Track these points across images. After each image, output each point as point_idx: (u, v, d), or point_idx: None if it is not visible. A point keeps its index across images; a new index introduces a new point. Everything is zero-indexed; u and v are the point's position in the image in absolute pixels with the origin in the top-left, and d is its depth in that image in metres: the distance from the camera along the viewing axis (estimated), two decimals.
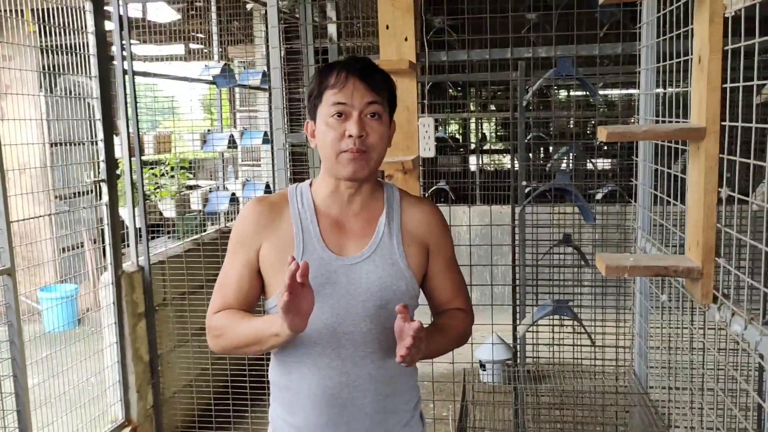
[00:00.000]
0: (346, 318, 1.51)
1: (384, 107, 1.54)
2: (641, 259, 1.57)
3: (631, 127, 1.52)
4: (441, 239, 1.64)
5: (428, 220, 1.62)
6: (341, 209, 1.58)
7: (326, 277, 1.51)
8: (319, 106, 1.53)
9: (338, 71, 1.51)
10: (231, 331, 1.53)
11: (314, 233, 1.54)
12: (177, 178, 5.44)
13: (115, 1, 3.78)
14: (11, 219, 3.10)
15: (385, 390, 1.56)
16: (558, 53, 2.39)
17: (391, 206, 1.61)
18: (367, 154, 1.50)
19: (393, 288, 1.54)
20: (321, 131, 1.52)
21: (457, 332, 1.64)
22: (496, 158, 11.76)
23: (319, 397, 1.53)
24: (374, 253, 1.55)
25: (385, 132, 1.54)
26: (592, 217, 2.87)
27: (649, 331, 2.48)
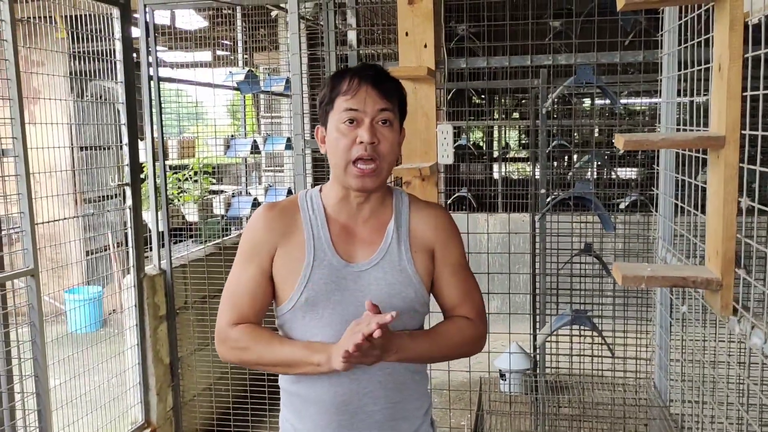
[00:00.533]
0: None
1: (395, 114, 1.54)
2: (659, 270, 1.55)
3: (649, 135, 1.50)
4: (447, 243, 1.62)
5: (434, 224, 1.61)
6: (351, 216, 1.58)
7: (336, 284, 1.52)
8: (330, 113, 1.53)
9: (350, 78, 1.51)
10: (262, 349, 1.51)
11: (325, 239, 1.55)
12: (200, 183, 5.50)
13: (141, 8, 3.84)
14: (39, 221, 3.16)
15: (395, 397, 1.56)
16: (578, 61, 2.37)
17: (399, 212, 1.60)
18: (377, 164, 1.50)
19: (401, 295, 1.54)
20: (332, 137, 1.52)
21: (455, 341, 1.58)
22: (519, 166, 11.69)
23: (329, 404, 1.53)
24: (383, 259, 1.55)
25: (395, 139, 1.54)
26: (612, 227, 2.84)
27: (670, 343, 2.44)
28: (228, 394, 4.31)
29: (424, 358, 1.58)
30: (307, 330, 1.53)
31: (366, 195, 1.56)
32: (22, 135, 2.66)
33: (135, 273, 3.75)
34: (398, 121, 1.56)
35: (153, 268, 3.98)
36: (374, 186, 1.53)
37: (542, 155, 3.46)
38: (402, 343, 1.47)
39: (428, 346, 1.54)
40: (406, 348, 1.48)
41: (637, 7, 1.51)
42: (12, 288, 2.92)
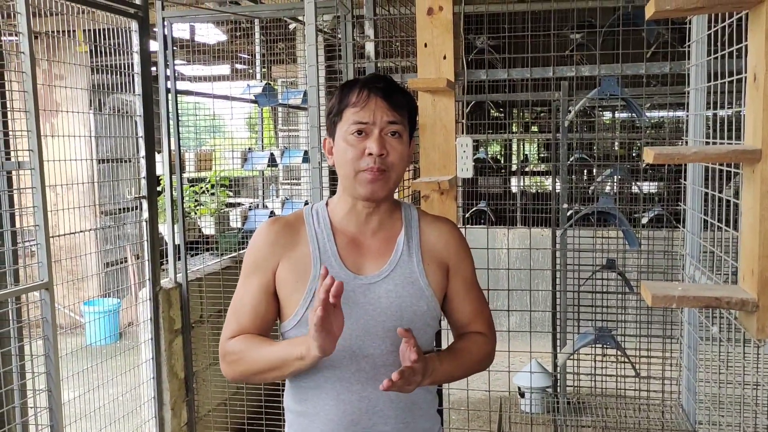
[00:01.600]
0: (365, 340, 1.46)
1: (404, 126, 1.50)
2: (690, 289, 1.48)
3: (680, 148, 1.44)
4: (460, 259, 1.59)
5: (446, 239, 1.58)
6: (359, 228, 1.54)
7: (344, 297, 1.44)
8: (338, 124, 1.50)
9: (360, 89, 1.48)
10: (249, 356, 1.47)
11: (331, 252, 1.51)
12: (217, 196, 5.49)
13: (160, 20, 3.85)
14: (58, 233, 3.15)
15: (406, 417, 1.50)
16: (602, 72, 2.31)
17: (409, 225, 1.57)
18: (386, 174, 1.47)
19: (413, 308, 1.49)
20: (340, 149, 1.49)
21: (474, 358, 1.57)
22: (538, 180, 11.59)
23: (337, 423, 1.47)
24: (393, 271, 1.51)
25: (405, 151, 1.50)
26: (637, 243, 2.76)
27: (698, 363, 2.36)
28: (243, 409, 4.26)
29: (450, 379, 1.56)
30: None
31: (374, 205, 1.53)
32: (39, 147, 2.64)
33: (151, 286, 3.72)
34: (408, 133, 1.53)
35: (169, 281, 3.95)
36: (383, 194, 1.49)
37: (563, 169, 3.39)
38: (434, 367, 1.45)
39: (455, 367, 1.53)
40: (436, 371, 1.46)
41: (667, 15, 1.45)
42: (27, 301, 2.91)
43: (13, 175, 2.82)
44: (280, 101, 5.28)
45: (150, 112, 3.64)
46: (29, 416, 2.84)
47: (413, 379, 1.36)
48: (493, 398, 3.28)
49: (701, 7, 1.40)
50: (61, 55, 3.81)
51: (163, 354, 3.78)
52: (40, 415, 2.78)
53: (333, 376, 1.47)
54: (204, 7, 4.23)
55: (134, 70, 3.59)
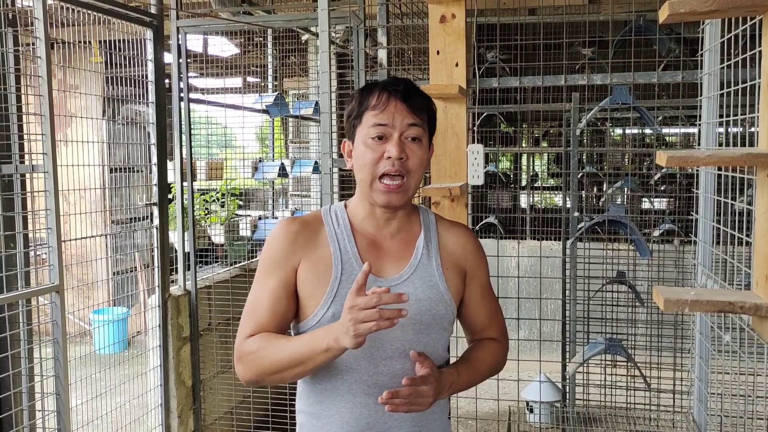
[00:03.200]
0: (384, 343, 1.44)
1: (424, 130, 1.50)
2: (704, 294, 1.47)
3: (693, 151, 1.43)
4: (477, 264, 1.59)
5: (464, 244, 1.58)
6: (378, 230, 1.54)
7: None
8: (358, 127, 1.49)
9: (380, 92, 1.47)
10: (269, 353, 1.42)
11: (352, 253, 1.49)
12: (227, 205, 5.51)
13: (174, 29, 3.89)
14: (66, 239, 3.17)
15: (421, 420, 1.50)
16: (614, 81, 2.31)
17: (428, 228, 1.57)
18: (405, 181, 1.46)
19: (432, 312, 1.48)
20: (359, 152, 1.48)
21: (489, 366, 1.58)
22: (546, 195, 11.57)
23: (353, 426, 1.45)
24: (413, 274, 1.50)
25: (424, 156, 1.50)
26: (649, 252, 2.74)
27: (710, 375, 2.33)
28: (249, 418, 4.24)
29: (467, 387, 1.58)
30: None
31: (392, 211, 1.52)
32: (53, 151, 2.67)
33: (160, 293, 3.73)
34: (427, 137, 1.52)
35: (178, 288, 3.96)
36: (400, 203, 1.48)
37: (573, 179, 3.38)
38: (453, 381, 1.47)
39: (472, 377, 1.54)
40: (455, 383, 1.48)
41: (681, 19, 1.45)
42: (37, 305, 2.92)
43: (26, 179, 2.84)
44: (292, 112, 5.31)
45: (163, 120, 3.67)
46: (37, 419, 2.84)
47: (421, 399, 1.37)
48: (502, 410, 3.24)
49: (715, 10, 1.40)
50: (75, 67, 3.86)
51: (171, 361, 3.78)
52: (48, 418, 2.78)
53: (351, 378, 1.45)
54: (218, 17, 4.28)
55: (148, 78, 3.62)
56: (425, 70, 2.81)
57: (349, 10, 3.35)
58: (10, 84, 2.72)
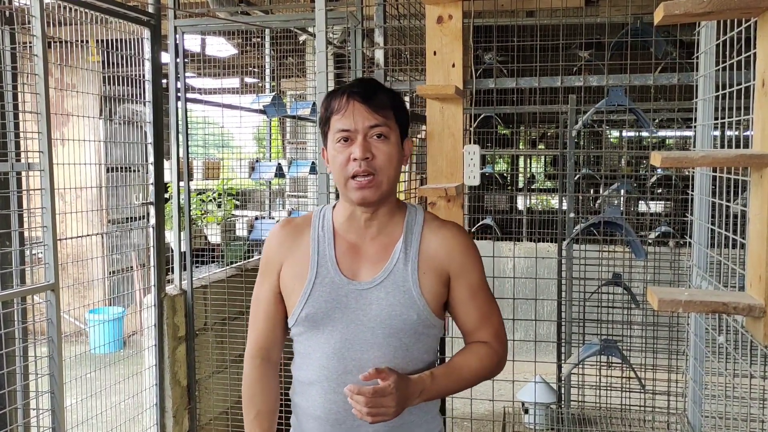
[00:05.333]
0: (354, 344, 1.49)
1: (390, 128, 1.51)
2: (697, 294, 1.47)
3: (688, 153, 1.44)
4: (464, 264, 1.56)
5: (449, 245, 1.56)
6: (358, 233, 1.56)
7: (337, 301, 1.50)
8: (328, 133, 1.53)
9: (341, 96, 1.51)
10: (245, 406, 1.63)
11: (329, 256, 1.54)
12: (224, 205, 5.51)
13: (172, 29, 3.89)
14: (62, 237, 3.16)
15: (394, 421, 1.49)
16: (610, 82, 2.32)
17: (410, 231, 1.56)
18: (375, 178, 1.48)
19: (403, 317, 1.50)
20: (331, 156, 1.52)
21: (474, 372, 1.56)
22: (543, 198, 11.59)
23: (324, 420, 1.52)
24: (386, 279, 1.51)
25: (393, 152, 1.51)
26: (644, 254, 2.75)
27: (705, 377, 2.34)
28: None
29: (448, 393, 1.58)
30: (309, 346, 1.54)
31: (372, 211, 1.54)
32: (49, 149, 2.66)
33: (156, 292, 3.73)
34: (396, 133, 1.53)
35: (174, 288, 3.95)
36: (375, 198, 1.50)
37: (570, 181, 3.39)
38: (425, 387, 1.47)
39: (450, 382, 1.53)
40: (428, 389, 1.48)
41: (676, 21, 1.46)
42: (32, 303, 2.91)
43: (21, 177, 2.84)
44: (289, 113, 5.31)
45: (160, 119, 3.67)
46: (31, 417, 2.84)
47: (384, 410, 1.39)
48: (497, 411, 3.25)
49: (710, 12, 1.41)
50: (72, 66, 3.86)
51: (166, 361, 3.77)
52: (42, 417, 2.78)
53: (322, 375, 1.51)
54: (215, 16, 4.28)
55: (145, 77, 3.62)
56: (422, 71, 2.82)
57: (346, 11, 3.35)
58: (7, 82, 2.72)
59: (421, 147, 3.36)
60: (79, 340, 5.90)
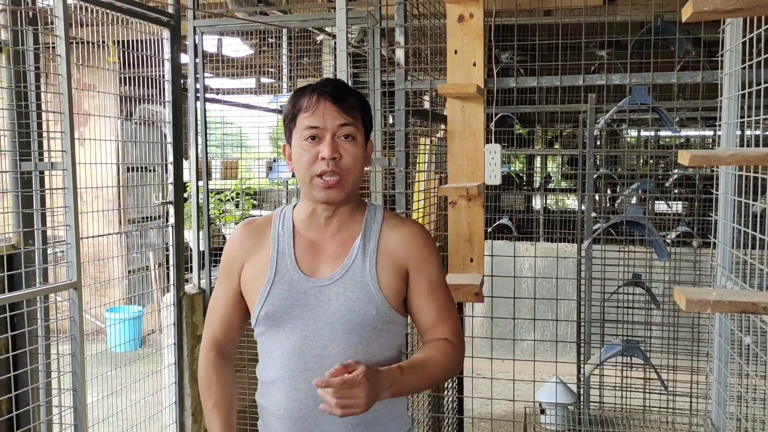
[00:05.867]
0: (314, 341, 1.49)
1: (358, 129, 1.52)
2: (726, 294, 1.45)
3: (717, 151, 1.42)
4: (422, 261, 1.56)
5: (407, 242, 1.56)
6: (319, 231, 1.57)
7: (296, 299, 1.51)
8: (293, 129, 1.53)
9: (310, 94, 1.51)
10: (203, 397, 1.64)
11: (288, 255, 1.55)
12: (242, 204, 5.53)
13: (191, 29, 3.91)
14: (83, 236, 3.19)
15: (357, 418, 1.49)
16: (633, 81, 2.30)
17: (369, 227, 1.57)
18: (342, 178, 1.49)
19: (361, 312, 1.50)
20: (296, 154, 1.52)
21: (441, 367, 1.54)
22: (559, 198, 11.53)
23: (286, 419, 1.52)
24: (345, 275, 1.52)
25: (359, 154, 1.52)
26: (667, 254, 2.72)
27: (730, 378, 2.31)
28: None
29: (415, 389, 1.56)
30: (271, 344, 1.55)
31: (333, 209, 1.55)
32: (72, 149, 2.69)
33: (175, 291, 3.75)
34: (362, 135, 1.55)
35: (192, 287, 3.97)
36: (340, 198, 1.51)
37: (589, 181, 3.36)
38: (395, 380, 1.45)
39: (418, 377, 1.51)
40: (398, 383, 1.45)
41: (705, 17, 1.44)
42: (55, 301, 2.94)
43: (44, 176, 2.86)
44: None
45: (179, 118, 3.69)
46: (54, 415, 2.86)
47: (353, 401, 1.35)
48: (516, 410, 3.23)
49: (739, 9, 1.39)
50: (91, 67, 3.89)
51: (185, 359, 3.79)
52: (64, 414, 2.80)
53: (284, 374, 1.51)
54: (234, 17, 4.30)
55: (165, 77, 3.65)
56: (442, 70, 2.81)
57: (366, 10, 3.36)
58: (30, 82, 2.74)
59: (440, 146, 3.35)
60: (98, 339, 5.95)
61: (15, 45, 2.68)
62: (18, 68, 2.70)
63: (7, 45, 2.68)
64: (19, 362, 2.76)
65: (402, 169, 2.54)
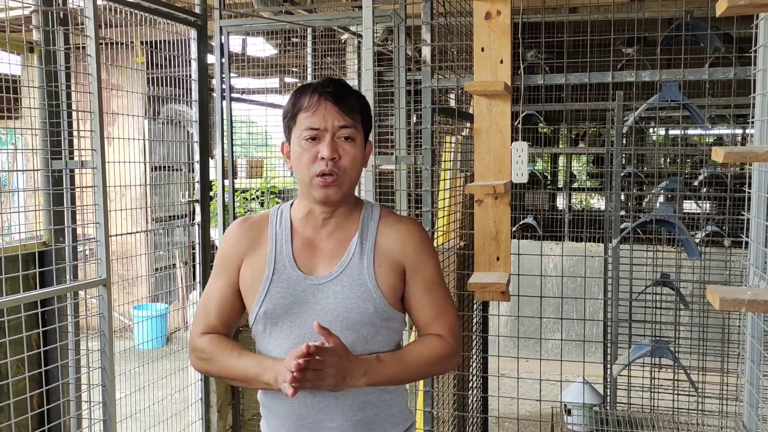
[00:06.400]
0: (311, 338, 1.47)
1: (357, 130, 1.53)
2: (761, 293, 1.43)
3: (752, 147, 1.40)
4: (418, 258, 1.56)
5: (404, 239, 1.56)
6: (316, 230, 1.57)
7: (294, 297, 1.51)
8: (293, 128, 1.53)
9: (311, 94, 1.51)
10: (221, 361, 1.54)
11: (286, 253, 1.55)
12: (266, 202, 5.57)
13: (217, 29, 3.95)
14: (112, 234, 3.23)
15: (356, 415, 1.51)
16: (663, 77, 2.27)
17: (366, 226, 1.57)
18: (339, 178, 1.49)
19: (359, 309, 1.50)
20: (295, 153, 1.52)
21: (425, 359, 1.54)
22: (583, 197, 11.41)
23: (286, 417, 1.52)
24: (342, 273, 1.52)
25: (358, 154, 1.53)
26: (697, 253, 2.68)
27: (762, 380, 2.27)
28: None
29: (396, 380, 1.55)
30: (269, 343, 1.54)
31: (331, 209, 1.55)
32: (101, 147, 2.72)
33: (200, 289, 3.78)
34: (361, 136, 1.55)
35: None
36: (337, 198, 1.52)
37: (616, 179, 3.33)
38: (369, 367, 1.45)
39: (398, 369, 1.51)
40: (374, 371, 1.46)
41: (738, 13, 1.42)
42: (85, 298, 2.98)
43: (74, 174, 2.91)
44: None
45: (206, 117, 3.73)
46: (83, 410, 2.91)
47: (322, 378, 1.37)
48: (541, 411, 3.21)
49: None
50: (119, 68, 3.95)
51: None
52: (93, 409, 2.84)
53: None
54: (260, 16, 4.33)
55: (191, 77, 3.68)
56: (468, 68, 2.80)
57: (392, 8, 3.36)
58: (61, 81, 2.79)
59: (465, 145, 3.34)
60: (124, 336, 6.03)
61: (46, 45, 2.73)
62: (49, 68, 2.74)
63: (38, 45, 2.73)
64: (50, 358, 2.80)
65: (428, 168, 2.54)
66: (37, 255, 2.80)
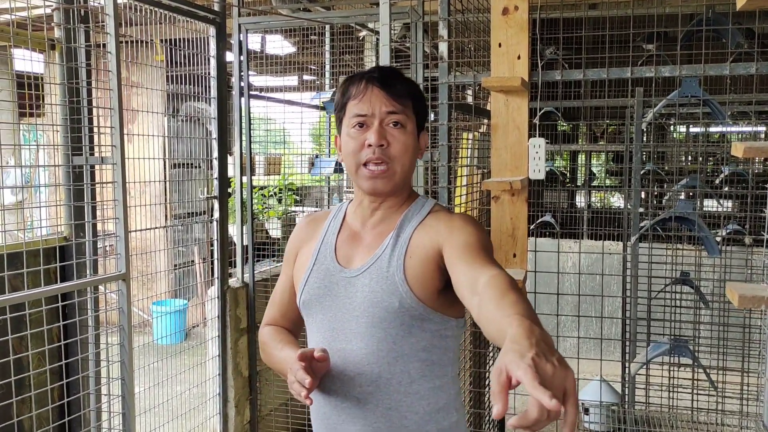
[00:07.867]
0: (339, 333, 1.43)
1: (408, 116, 1.46)
2: None
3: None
4: (453, 232, 1.39)
5: (442, 225, 1.42)
6: (363, 221, 1.53)
7: (328, 289, 1.47)
8: (343, 119, 1.49)
9: (359, 81, 1.46)
10: (269, 353, 1.58)
11: (330, 244, 1.53)
12: (284, 200, 5.59)
13: (236, 27, 3.97)
14: (132, 229, 3.26)
15: (378, 420, 1.40)
16: (683, 73, 2.24)
17: (408, 219, 1.48)
18: (389, 167, 1.43)
19: (384, 305, 1.38)
20: (344, 142, 1.48)
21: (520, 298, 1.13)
22: (602, 195, 11.32)
23: (314, 416, 1.49)
24: (372, 266, 1.44)
25: (409, 142, 1.45)
26: (718, 251, 2.65)
27: None
28: (304, 411, 4.29)
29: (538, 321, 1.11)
30: (308, 334, 1.54)
31: (380, 201, 1.49)
32: (121, 144, 2.75)
33: (219, 284, 3.81)
34: (413, 123, 1.48)
35: (236, 281, 4.04)
36: (386, 189, 1.45)
37: (636, 177, 3.29)
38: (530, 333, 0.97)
39: (530, 313, 1.09)
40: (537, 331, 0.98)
41: (758, 7, 1.40)
42: (104, 292, 3.02)
43: (95, 170, 2.94)
44: None
45: (224, 114, 3.75)
46: (102, 403, 2.94)
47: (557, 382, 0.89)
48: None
49: None
50: (139, 66, 3.98)
51: (228, 352, 3.85)
52: (113, 402, 2.88)
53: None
54: (278, 14, 4.34)
55: (210, 74, 3.71)
56: (485, 64, 2.79)
57: (409, 5, 3.35)
58: (82, 78, 2.82)
59: (482, 141, 3.33)
60: (143, 331, 6.10)
61: (68, 43, 2.76)
62: (70, 65, 2.77)
63: (60, 43, 2.76)
64: (70, 351, 2.84)
65: (445, 164, 2.53)
66: (58, 250, 2.84)
